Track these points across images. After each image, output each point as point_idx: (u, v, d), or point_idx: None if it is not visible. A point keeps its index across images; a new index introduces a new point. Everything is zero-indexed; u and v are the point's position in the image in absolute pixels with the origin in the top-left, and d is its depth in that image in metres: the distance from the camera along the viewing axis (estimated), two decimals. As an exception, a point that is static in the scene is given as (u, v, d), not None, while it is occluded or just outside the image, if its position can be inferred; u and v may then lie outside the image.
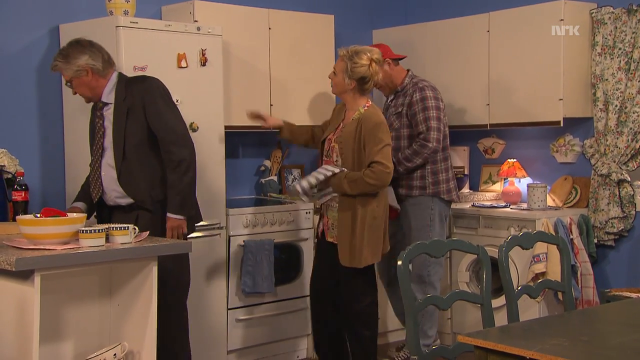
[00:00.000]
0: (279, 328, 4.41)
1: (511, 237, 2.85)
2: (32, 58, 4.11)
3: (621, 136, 4.41)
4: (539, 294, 3.28)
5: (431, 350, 2.56)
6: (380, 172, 3.58)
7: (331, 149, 3.77)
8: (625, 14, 4.40)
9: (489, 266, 2.72)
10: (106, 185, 3.39)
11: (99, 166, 3.40)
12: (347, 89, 3.73)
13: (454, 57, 4.96)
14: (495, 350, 2.12)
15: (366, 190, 3.61)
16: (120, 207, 3.41)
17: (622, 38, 4.40)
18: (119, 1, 3.93)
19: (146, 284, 2.95)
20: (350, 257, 3.64)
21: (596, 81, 4.50)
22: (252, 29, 4.51)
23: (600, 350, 2.12)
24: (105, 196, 3.42)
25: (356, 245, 3.62)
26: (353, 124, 3.69)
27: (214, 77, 4.11)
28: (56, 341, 2.96)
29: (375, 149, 3.60)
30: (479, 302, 2.71)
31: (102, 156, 3.40)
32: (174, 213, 3.34)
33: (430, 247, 2.65)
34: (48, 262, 2.67)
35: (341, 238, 3.66)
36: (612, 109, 4.43)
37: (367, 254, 3.64)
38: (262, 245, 4.25)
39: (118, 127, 3.37)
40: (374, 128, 3.63)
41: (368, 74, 3.69)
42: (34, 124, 4.13)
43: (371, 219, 3.65)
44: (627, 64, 4.38)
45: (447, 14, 5.14)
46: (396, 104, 4.26)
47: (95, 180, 3.42)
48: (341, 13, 5.08)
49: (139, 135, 3.36)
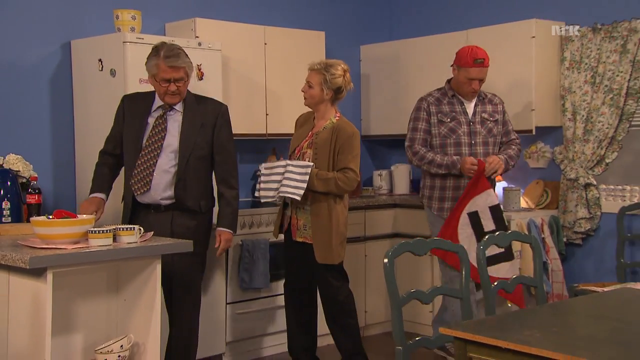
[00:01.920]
0: (274, 320, 4.39)
1: (488, 236, 2.85)
2: (46, 71, 4.09)
3: (588, 144, 4.42)
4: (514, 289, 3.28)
5: (415, 341, 2.55)
6: (352, 179, 3.65)
7: (302, 155, 3.76)
8: (590, 32, 4.42)
9: (467, 263, 2.72)
10: (155, 185, 3.34)
11: (152, 164, 3.32)
12: (324, 100, 3.75)
13: (435, 70, 4.96)
14: (474, 341, 2.12)
15: (333, 191, 3.64)
16: (156, 207, 3.37)
17: (588, 54, 4.42)
18: (126, 19, 3.93)
19: (150, 280, 2.94)
20: (327, 255, 3.66)
21: (565, 93, 4.52)
22: (249, 44, 4.51)
23: (570, 340, 2.12)
24: (147, 195, 3.35)
25: (332, 243, 3.65)
26: (327, 132, 3.71)
27: (213, 88, 4.10)
28: (67, 333, 2.94)
29: (349, 156, 3.66)
30: (459, 297, 2.71)
31: (158, 156, 3.33)
32: (227, 227, 3.51)
33: (414, 245, 2.64)
34: (59, 260, 2.66)
35: (318, 238, 3.66)
36: (579, 119, 4.45)
37: (340, 250, 3.71)
38: (258, 245, 4.24)
39: (187, 137, 3.36)
40: (350, 138, 3.68)
41: (343, 84, 3.74)
42: (47, 132, 4.11)
43: (341, 219, 3.70)
44: (593, 77, 4.40)
45: (429, 31, 5.16)
46: (484, 110, 4.02)
47: (144, 178, 3.32)
48: (331, 30, 5.09)
49: (205, 150, 3.42)
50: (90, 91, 4.00)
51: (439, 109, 3.96)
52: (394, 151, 5.59)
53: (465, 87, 3.92)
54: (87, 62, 4.01)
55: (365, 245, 4.80)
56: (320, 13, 5.21)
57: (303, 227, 3.73)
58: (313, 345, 3.92)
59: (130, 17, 3.94)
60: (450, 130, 3.93)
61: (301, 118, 3.95)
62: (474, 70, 3.87)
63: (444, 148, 3.96)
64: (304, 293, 3.87)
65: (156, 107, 3.40)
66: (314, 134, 3.76)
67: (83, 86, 4.07)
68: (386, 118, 5.28)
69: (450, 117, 3.94)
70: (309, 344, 3.90)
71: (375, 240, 4.83)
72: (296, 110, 4.68)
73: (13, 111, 3.98)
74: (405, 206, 4.91)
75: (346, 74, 3.74)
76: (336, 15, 5.33)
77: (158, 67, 3.28)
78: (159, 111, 3.40)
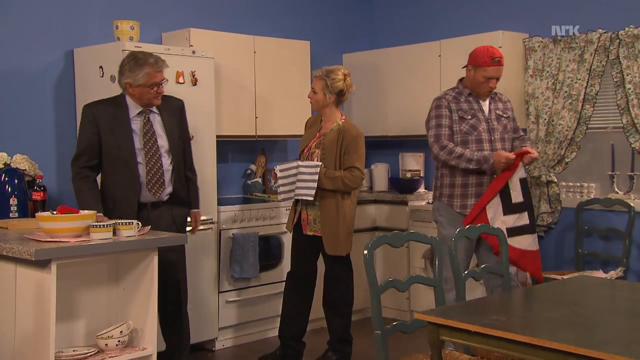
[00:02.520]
0: (263, 308, 4.38)
1: (459, 229, 2.86)
2: (51, 77, 4.05)
3: (549, 144, 4.46)
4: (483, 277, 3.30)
5: (392, 326, 2.56)
6: (357, 177, 3.67)
7: (311, 154, 3.76)
8: (551, 42, 4.46)
9: (441, 254, 2.73)
10: (167, 183, 3.31)
11: (160, 166, 3.28)
12: (328, 103, 3.75)
13: (411, 77, 4.98)
14: (445, 325, 2.14)
15: (340, 189, 3.64)
16: (156, 203, 3.31)
17: (550, 63, 4.45)
18: (125, 29, 3.91)
19: (148, 271, 2.92)
20: (335, 247, 3.68)
21: (529, 98, 4.55)
22: (240, 52, 4.49)
23: (533, 323, 2.14)
24: (161, 193, 3.30)
25: (339, 236, 3.67)
26: (334, 134, 3.71)
27: (206, 93, 4.09)
28: (70, 320, 2.92)
29: (355, 156, 3.67)
30: (432, 285, 2.72)
31: (161, 158, 3.29)
32: (197, 208, 3.56)
33: (391, 238, 2.65)
34: (63, 252, 2.64)
35: (326, 231, 3.67)
36: (541, 122, 4.48)
37: (347, 244, 3.72)
38: (248, 238, 4.23)
39: (173, 137, 3.34)
40: (355, 139, 3.69)
41: (344, 87, 3.73)
42: (51, 133, 4.08)
43: (348, 214, 3.71)
44: (554, 84, 4.43)
45: (405, 41, 5.17)
46: (497, 107, 3.74)
47: (158, 179, 3.27)
48: (316, 39, 5.08)
49: (182, 144, 3.42)
50: (91, 96, 3.94)
51: (458, 107, 3.65)
52: (374, 152, 5.59)
53: (482, 86, 3.64)
54: (89, 68, 3.98)
55: (347, 238, 4.80)
56: (305, 24, 5.20)
57: (313, 221, 3.73)
58: (302, 332, 3.92)
59: (129, 27, 3.92)
60: (472, 127, 3.61)
61: (310, 120, 3.97)
62: (492, 69, 3.60)
63: (466, 145, 3.62)
64: (305, 283, 3.86)
65: (137, 112, 3.27)
66: (321, 135, 3.76)
67: (85, 91, 4.03)
68: (367, 121, 5.28)
69: (470, 114, 3.63)
70: (300, 331, 3.89)
71: (356, 234, 4.79)
72: (284, 113, 4.70)
73: (20, 114, 3.94)
74: (384, 202, 4.93)
75: (347, 77, 3.74)
76: (321, 26, 5.32)
77: (149, 75, 3.19)
78: (140, 116, 3.28)
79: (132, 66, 3.21)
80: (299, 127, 4.42)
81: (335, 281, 3.79)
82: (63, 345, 2.84)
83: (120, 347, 2.86)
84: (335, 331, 3.83)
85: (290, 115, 4.71)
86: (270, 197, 4.60)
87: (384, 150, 5.52)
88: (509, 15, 4.76)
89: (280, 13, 5.08)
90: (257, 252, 4.25)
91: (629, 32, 4.12)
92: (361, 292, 4.63)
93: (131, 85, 3.21)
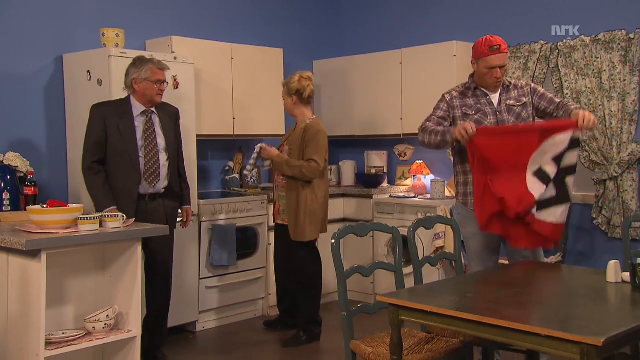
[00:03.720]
0: (240, 293, 4.37)
1: (417, 220, 2.88)
2: (41, 81, 3.98)
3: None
4: (438, 263, 3.33)
5: (357, 308, 2.57)
6: (314, 167, 3.75)
7: (282, 149, 3.90)
8: (501, 51, 4.50)
9: (401, 243, 2.76)
10: (162, 177, 3.36)
11: (157, 160, 3.34)
12: (295, 105, 3.86)
13: (375, 82, 5.00)
14: (405, 306, 2.16)
15: (299, 176, 3.76)
16: (152, 196, 3.35)
17: (500, 69, 4.50)
18: (111, 36, 3.85)
19: (132, 260, 2.89)
20: (296, 233, 3.75)
21: (481, 102, 4.58)
22: (218, 59, 4.46)
23: (482, 303, 2.17)
24: (156, 184, 3.34)
25: (299, 223, 3.73)
26: (300, 132, 3.83)
27: (187, 96, 4.05)
28: (60, 305, 2.87)
29: (314, 150, 3.76)
30: (393, 270, 2.74)
31: (158, 153, 3.35)
32: (189, 204, 3.63)
33: (356, 228, 2.66)
34: (52, 243, 2.60)
35: (290, 219, 3.77)
36: (493, 123, 4.53)
37: (311, 230, 3.76)
38: (226, 229, 4.21)
39: (169, 136, 3.41)
40: (316, 134, 3.78)
41: (300, 86, 3.82)
42: (42, 133, 4.00)
43: (310, 203, 3.76)
44: (504, 89, 4.49)
45: (370, 49, 5.19)
46: (509, 97, 3.16)
47: (154, 172, 3.33)
48: (288, 47, 5.07)
49: (176, 145, 3.48)
50: (80, 98, 3.90)
51: (463, 102, 3.18)
52: (342, 149, 5.61)
53: (487, 77, 3.12)
54: (77, 73, 3.91)
55: (317, 228, 4.81)
56: (279, 33, 5.18)
57: (282, 211, 3.83)
58: (291, 308, 4.02)
59: (114, 35, 3.86)
60: (476, 122, 3.08)
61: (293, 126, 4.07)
62: (492, 58, 3.09)
63: None
64: (286, 266, 3.97)
65: (140, 112, 3.34)
66: (293, 132, 3.90)
67: (74, 94, 3.96)
68: (335, 122, 5.29)
69: (475, 110, 3.15)
70: (288, 307, 4.03)
71: (325, 224, 4.85)
72: (259, 114, 4.69)
73: (13, 115, 3.86)
74: (351, 195, 4.94)
75: (301, 78, 3.83)
76: (293, 35, 5.31)
77: (152, 70, 3.31)
78: (143, 115, 3.35)
79: (137, 64, 3.33)
80: (273, 127, 4.44)
81: (303, 266, 3.84)
82: (53, 329, 2.80)
83: (107, 330, 2.82)
84: (305, 312, 3.84)
85: (265, 116, 4.71)
86: (246, 191, 4.58)
87: (351, 148, 5.54)
88: (462, 27, 4.81)
89: (255, 23, 5.06)
90: (235, 242, 4.23)
91: (566, 43, 4.22)
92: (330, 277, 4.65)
93: (137, 81, 3.31)
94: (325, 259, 4.73)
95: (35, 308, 2.58)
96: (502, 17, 4.61)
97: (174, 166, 3.46)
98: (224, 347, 3.90)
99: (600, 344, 1.70)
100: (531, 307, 2.13)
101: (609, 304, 2.15)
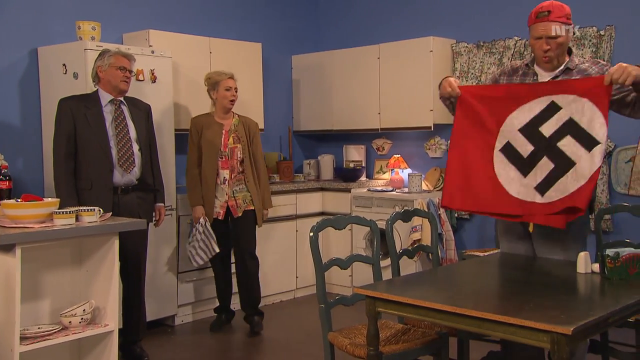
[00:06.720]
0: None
1: (395, 213, 2.89)
2: (16, 74, 3.89)
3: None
4: (415, 255, 3.35)
5: (334, 300, 2.57)
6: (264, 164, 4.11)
7: (232, 150, 3.92)
8: (475, 47, 4.54)
9: (378, 235, 2.75)
10: (137, 165, 3.32)
11: (130, 147, 3.29)
12: None
13: (353, 76, 5.00)
14: (382, 298, 2.15)
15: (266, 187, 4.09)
16: (125, 189, 3.30)
17: (474, 65, 4.54)
18: (87, 29, 3.78)
19: (109, 254, 2.84)
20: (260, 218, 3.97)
21: (457, 97, 4.61)
22: (196, 52, 4.41)
23: (457, 295, 2.18)
24: (128, 176, 3.29)
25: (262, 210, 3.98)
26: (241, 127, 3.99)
27: (165, 90, 4.00)
28: (36, 300, 2.82)
29: (260, 146, 4.05)
30: (371, 263, 2.74)
31: (130, 142, 3.30)
32: (163, 202, 3.57)
33: (334, 221, 2.65)
34: (26, 237, 2.54)
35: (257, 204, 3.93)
36: (468, 118, 4.55)
37: None
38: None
39: (141, 127, 3.37)
40: (257, 129, 4.04)
41: (206, 85, 3.93)
42: (17, 126, 3.91)
43: None
44: (477, 84, 4.52)
45: (348, 44, 5.18)
46: None
47: (128, 159, 3.28)
48: (267, 41, 5.04)
49: (147, 138, 3.43)
50: (55, 91, 3.82)
51: (509, 80, 2.67)
52: (321, 144, 5.60)
53: (536, 51, 2.54)
54: (53, 66, 3.83)
55: (297, 222, 4.80)
56: (258, 27, 5.14)
57: (243, 203, 3.90)
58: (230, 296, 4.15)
59: (90, 28, 3.79)
60: None
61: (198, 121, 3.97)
62: (537, 26, 2.48)
63: None
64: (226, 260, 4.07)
65: (108, 100, 3.30)
66: (229, 131, 3.90)
67: (49, 87, 3.88)
68: (313, 116, 5.28)
69: None
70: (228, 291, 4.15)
71: (305, 218, 4.84)
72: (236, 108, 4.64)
73: (-15, 108, 3.77)
74: (330, 189, 4.94)
75: (206, 81, 3.92)
76: (272, 30, 5.28)
77: (115, 57, 3.28)
78: (112, 105, 3.30)
79: (101, 54, 3.31)
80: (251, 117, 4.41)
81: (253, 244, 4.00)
82: (29, 324, 2.74)
83: (84, 324, 2.78)
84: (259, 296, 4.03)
85: (243, 110, 4.65)
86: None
87: (329, 142, 5.53)
88: (439, 22, 4.82)
89: (234, 17, 5.01)
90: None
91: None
92: (310, 270, 4.65)
93: (101, 68, 3.27)
94: (304, 252, 4.74)
95: (10, 303, 2.53)
96: (478, 13, 4.64)
97: (146, 159, 3.40)
98: (203, 341, 3.87)
99: (570, 333, 1.72)
100: (504, 297, 2.15)
101: (579, 294, 2.17)
